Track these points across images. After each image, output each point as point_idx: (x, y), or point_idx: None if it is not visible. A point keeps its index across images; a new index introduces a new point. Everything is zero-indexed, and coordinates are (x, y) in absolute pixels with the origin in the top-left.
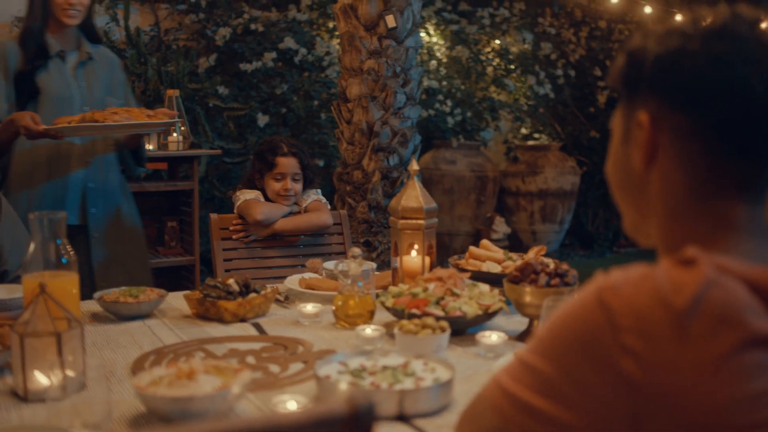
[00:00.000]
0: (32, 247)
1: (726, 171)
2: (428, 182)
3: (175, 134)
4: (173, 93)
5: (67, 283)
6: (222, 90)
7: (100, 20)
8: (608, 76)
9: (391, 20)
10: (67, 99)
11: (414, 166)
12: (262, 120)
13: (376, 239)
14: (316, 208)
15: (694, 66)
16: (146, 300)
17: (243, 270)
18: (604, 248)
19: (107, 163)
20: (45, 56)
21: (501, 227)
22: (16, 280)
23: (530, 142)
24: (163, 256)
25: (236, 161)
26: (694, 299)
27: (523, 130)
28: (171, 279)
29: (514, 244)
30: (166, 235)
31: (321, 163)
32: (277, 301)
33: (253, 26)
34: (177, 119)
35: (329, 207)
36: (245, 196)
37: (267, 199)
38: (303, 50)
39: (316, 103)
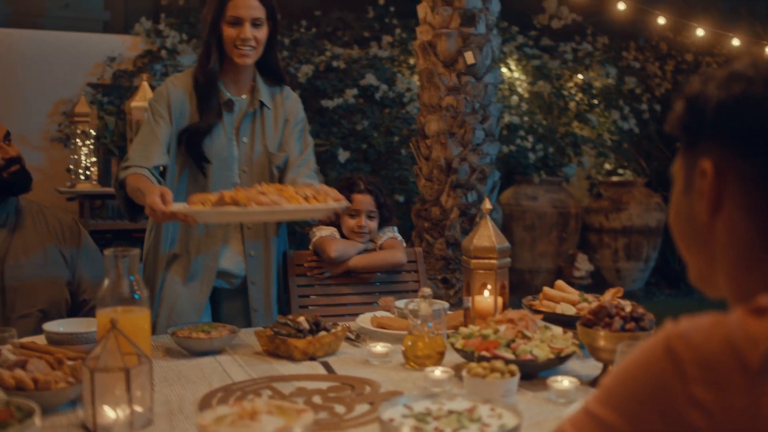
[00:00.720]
0: (106, 282)
1: None
2: (509, 218)
3: None
4: None
5: (138, 319)
6: None
7: (188, 59)
8: (666, 123)
9: (470, 57)
10: (225, 159)
11: (487, 204)
12: (343, 156)
13: (454, 276)
14: (391, 246)
15: (758, 111)
16: (218, 336)
17: (317, 307)
18: (691, 287)
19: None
20: (220, 111)
21: (584, 265)
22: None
23: (614, 178)
24: None
25: None
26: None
27: (607, 166)
28: None
29: (598, 281)
30: None
31: (401, 198)
32: (348, 339)
33: (335, 63)
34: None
35: (404, 245)
36: (321, 232)
37: (342, 236)
38: (384, 87)
39: (396, 138)
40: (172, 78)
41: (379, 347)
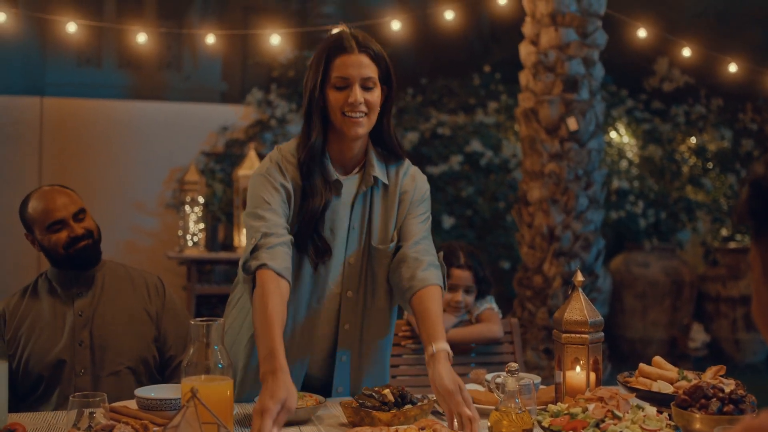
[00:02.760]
0: (191, 351)
1: None
2: (619, 286)
3: None
4: None
5: (221, 388)
6: None
7: (296, 128)
8: (734, 212)
9: (572, 123)
10: (335, 246)
11: (579, 277)
12: (448, 222)
13: None
14: (488, 318)
15: None
16: (304, 406)
17: (408, 377)
18: None
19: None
20: (329, 191)
21: (699, 335)
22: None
23: (732, 244)
24: None
25: None
26: None
27: (724, 232)
28: None
29: (714, 353)
30: None
31: (506, 265)
32: (435, 413)
33: (440, 130)
34: None
35: (501, 316)
36: None
37: None
38: (489, 153)
39: (501, 204)
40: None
41: None
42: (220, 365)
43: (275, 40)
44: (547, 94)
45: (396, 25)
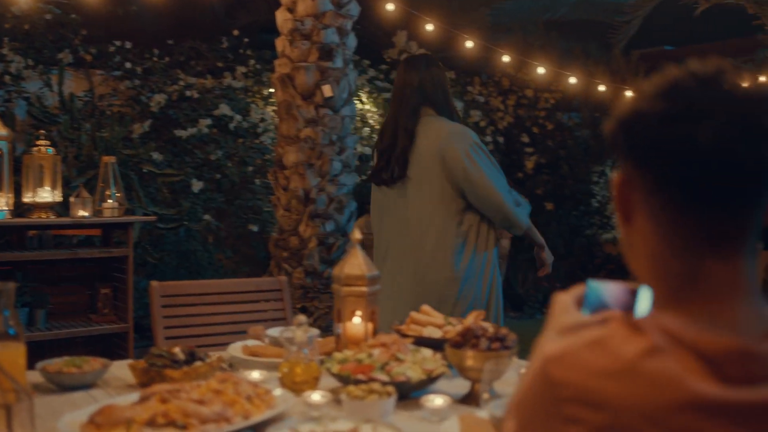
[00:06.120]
0: None
1: (691, 226)
2: (362, 247)
3: (110, 200)
4: (109, 159)
5: (14, 355)
6: (156, 156)
7: (33, 85)
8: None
9: (327, 90)
10: None
11: (357, 234)
12: (196, 186)
13: (313, 305)
14: None
15: (644, 126)
16: (90, 370)
17: (184, 338)
18: (534, 310)
19: None
20: None
21: None
22: None
23: None
24: (96, 324)
25: (170, 227)
26: (636, 365)
27: None
28: (104, 347)
29: None
30: (99, 302)
31: (255, 228)
32: (222, 369)
33: (188, 93)
34: None
35: None
36: None
37: None
38: (238, 117)
39: (250, 168)
40: None
41: (255, 375)
42: (11, 331)
43: None
44: (303, 61)
45: None
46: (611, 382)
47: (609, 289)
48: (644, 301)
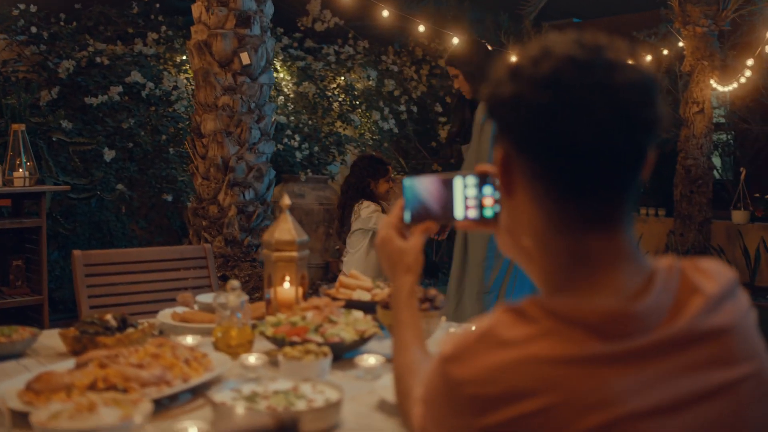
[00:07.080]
0: None
1: (572, 209)
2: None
3: (21, 170)
4: (19, 127)
5: None
6: (66, 124)
7: None
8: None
9: (245, 57)
10: None
11: (286, 200)
12: (109, 155)
13: (233, 273)
14: None
15: (529, 116)
16: (19, 339)
17: (109, 307)
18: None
19: None
20: None
21: None
22: None
23: None
24: (8, 296)
25: (82, 197)
26: (524, 351)
27: None
28: (17, 320)
29: None
30: (11, 275)
31: (169, 197)
32: (153, 335)
33: (98, 59)
34: None
35: None
36: None
37: None
38: (150, 84)
39: (163, 137)
40: None
41: (189, 340)
42: None
43: None
44: (221, 28)
45: None
46: (507, 374)
47: (423, 184)
48: (458, 191)
